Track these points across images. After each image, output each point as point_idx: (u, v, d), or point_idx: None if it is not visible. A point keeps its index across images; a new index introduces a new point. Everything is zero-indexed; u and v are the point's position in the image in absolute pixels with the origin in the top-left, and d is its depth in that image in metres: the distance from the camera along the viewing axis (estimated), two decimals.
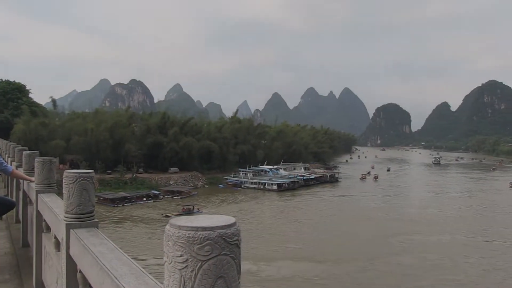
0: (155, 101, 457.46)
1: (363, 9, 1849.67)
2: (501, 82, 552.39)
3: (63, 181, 4.47)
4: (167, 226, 1.82)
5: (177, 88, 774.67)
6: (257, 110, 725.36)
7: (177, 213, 61.43)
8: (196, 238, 1.79)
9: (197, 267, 1.80)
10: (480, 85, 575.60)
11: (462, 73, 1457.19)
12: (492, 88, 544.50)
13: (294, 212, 69.42)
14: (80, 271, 3.98)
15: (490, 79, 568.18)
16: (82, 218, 4.35)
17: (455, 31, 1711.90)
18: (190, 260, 1.80)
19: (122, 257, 3.38)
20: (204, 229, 1.80)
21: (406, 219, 64.20)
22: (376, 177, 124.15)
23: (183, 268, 1.81)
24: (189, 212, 63.24)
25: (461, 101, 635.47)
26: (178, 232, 1.80)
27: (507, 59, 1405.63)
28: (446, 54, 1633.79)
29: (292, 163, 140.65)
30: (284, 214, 68.11)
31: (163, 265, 1.85)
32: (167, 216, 61.37)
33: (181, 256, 1.82)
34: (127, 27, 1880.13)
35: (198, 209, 67.28)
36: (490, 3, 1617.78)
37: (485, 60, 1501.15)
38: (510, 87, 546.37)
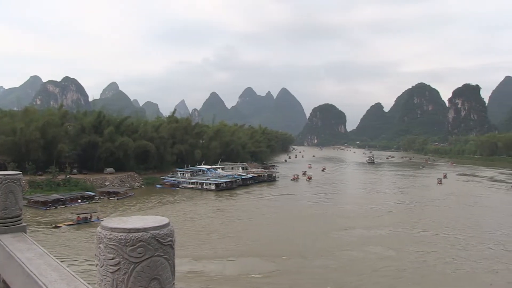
0: (90, 99, 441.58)
1: (302, 11, 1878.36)
2: (429, 85, 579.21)
3: None
4: (98, 228, 1.91)
5: (113, 86, 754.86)
6: (195, 109, 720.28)
7: (71, 223, 56.62)
8: (129, 240, 1.77)
9: (130, 269, 1.79)
10: (410, 87, 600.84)
11: (395, 75, 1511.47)
12: (421, 90, 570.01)
13: (233, 212, 69.50)
14: (4, 281, 3.72)
15: (420, 82, 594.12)
16: (8, 222, 4.12)
17: (389, 35, 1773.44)
18: (122, 262, 1.79)
19: (52, 262, 3.27)
20: (137, 230, 1.79)
21: (345, 216, 65.86)
22: (309, 178, 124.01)
23: (115, 271, 1.80)
24: (85, 221, 57.23)
25: (393, 102, 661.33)
26: (110, 234, 1.80)
27: (435, 63, 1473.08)
28: (380, 57, 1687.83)
29: (230, 163, 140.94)
30: (223, 213, 67.99)
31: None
32: (56, 226, 54.81)
33: (113, 259, 1.80)
34: (60, 21, 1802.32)
35: (98, 217, 59.30)
36: (423, 11, 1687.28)
37: (416, 63, 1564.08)
38: (437, 90, 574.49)
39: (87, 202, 74.41)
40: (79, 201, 74.25)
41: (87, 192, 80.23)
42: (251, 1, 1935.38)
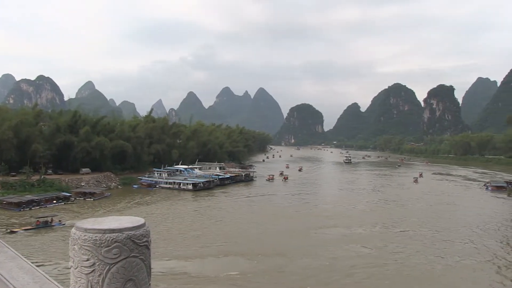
0: (66, 98, 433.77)
1: (279, 11, 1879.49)
2: (405, 85, 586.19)
3: None
4: (73, 229, 1.89)
5: (89, 85, 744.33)
6: (172, 109, 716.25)
7: (29, 227, 53.32)
8: (104, 241, 1.75)
9: (105, 270, 1.77)
10: (386, 87, 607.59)
11: (372, 75, 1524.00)
12: (397, 90, 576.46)
13: (211, 211, 69.32)
14: None
15: (396, 82, 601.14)
16: None
17: (365, 36, 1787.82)
18: (97, 264, 1.77)
19: (24, 265, 3.18)
20: (112, 231, 1.76)
21: (323, 215, 66.17)
22: (286, 178, 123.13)
23: (90, 273, 1.78)
24: (45, 225, 54.16)
25: (370, 102, 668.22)
26: (85, 235, 1.77)
27: (411, 64, 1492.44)
28: (357, 57, 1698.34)
29: (207, 163, 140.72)
30: (201, 213, 67.77)
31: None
32: (12, 232, 51.12)
33: (87, 260, 1.78)
34: (34, 17, 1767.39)
35: (59, 220, 56.67)
36: (399, 13, 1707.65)
37: (392, 64, 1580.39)
38: (412, 90, 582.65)
39: (63, 203, 73.42)
40: (54, 202, 73.16)
41: (63, 193, 79.10)
42: (229, 1, 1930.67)
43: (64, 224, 55.49)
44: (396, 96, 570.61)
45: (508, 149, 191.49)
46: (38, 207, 68.81)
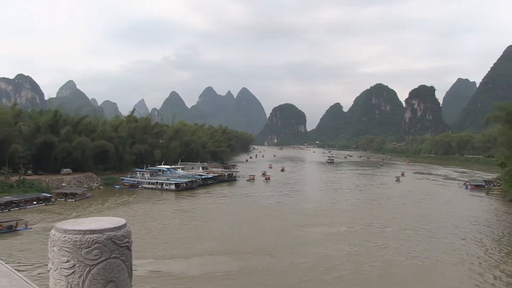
0: (46, 98, 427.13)
1: (262, 12, 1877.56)
2: (387, 86, 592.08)
3: None
4: (52, 231, 1.85)
5: (70, 84, 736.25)
6: (154, 109, 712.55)
7: None
8: (84, 242, 1.73)
9: (85, 272, 1.75)
10: (369, 87, 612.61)
11: (354, 76, 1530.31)
12: (379, 90, 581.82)
13: (195, 211, 69.08)
14: None
15: (378, 82, 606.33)
16: None
17: (347, 36, 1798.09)
18: (77, 265, 1.75)
19: (1, 267, 3.07)
20: (92, 232, 1.74)
21: (307, 214, 66.37)
22: (267, 178, 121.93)
23: (69, 275, 1.75)
24: (10, 230, 51.40)
25: (352, 102, 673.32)
26: (64, 237, 1.74)
27: (392, 65, 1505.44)
28: (339, 58, 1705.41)
29: (190, 163, 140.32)
30: (184, 213, 67.46)
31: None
32: None
33: (67, 261, 1.75)
34: (13, 13, 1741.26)
35: (25, 225, 53.86)
36: (380, 14, 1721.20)
37: (374, 64, 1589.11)
38: (394, 90, 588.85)
39: (43, 204, 72.41)
40: (35, 203, 72.07)
41: (43, 194, 77.95)
42: (211, 0, 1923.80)
43: (30, 228, 53.46)
44: (378, 96, 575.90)
45: (486, 148, 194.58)
46: (17, 208, 67.74)
